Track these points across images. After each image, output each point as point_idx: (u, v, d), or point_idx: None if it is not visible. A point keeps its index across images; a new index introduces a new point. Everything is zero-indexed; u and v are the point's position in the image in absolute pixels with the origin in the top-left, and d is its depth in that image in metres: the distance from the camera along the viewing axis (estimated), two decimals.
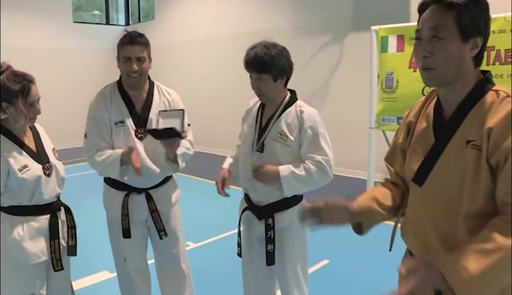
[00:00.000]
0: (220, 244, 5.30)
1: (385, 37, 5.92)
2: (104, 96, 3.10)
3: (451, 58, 1.55)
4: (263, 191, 2.74)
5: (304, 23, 9.50)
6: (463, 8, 1.52)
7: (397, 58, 5.79)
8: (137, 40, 2.96)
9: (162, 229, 3.15)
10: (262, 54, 2.63)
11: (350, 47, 8.72)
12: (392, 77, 5.86)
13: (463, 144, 1.55)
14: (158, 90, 3.17)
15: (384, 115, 6.03)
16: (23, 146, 2.67)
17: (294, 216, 2.74)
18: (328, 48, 9.10)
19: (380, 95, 6.05)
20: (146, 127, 3.02)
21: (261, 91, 2.70)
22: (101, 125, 3.04)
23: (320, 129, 2.67)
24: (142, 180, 3.05)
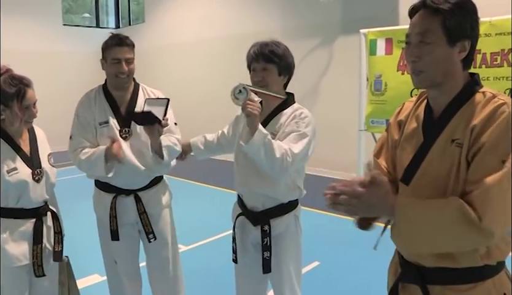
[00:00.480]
0: (211, 247, 5.30)
1: (374, 40, 5.96)
2: (88, 97, 3.12)
3: (438, 61, 1.58)
4: (259, 196, 2.69)
5: (293, 25, 9.55)
6: (448, 14, 1.55)
7: (386, 61, 5.83)
8: (126, 42, 2.99)
9: (150, 232, 3.12)
10: (273, 45, 2.61)
11: (339, 49, 8.79)
12: (381, 79, 5.89)
13: (448, 143, 1.59)
14: (143, 90, 3.18)
15: (373, 118, 6.06)
16: (17, 149, 2.66)
17: (290, 222, 2.74)
18: (318, 51, 9.16)
19: (369, 98, 6.08)
20: (130, 128, 3.03)
21: (266, 82, 2.61)
22: (86, 126, 3.05)
23: (306, 129, 2.57)
24: (130, 181, 3.05)
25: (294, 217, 2.76)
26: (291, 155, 2.45)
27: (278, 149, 2.41)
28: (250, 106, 2.37)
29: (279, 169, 2.44)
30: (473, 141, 1.52)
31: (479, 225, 1.43)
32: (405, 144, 1.77)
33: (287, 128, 2.58)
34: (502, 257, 1.62)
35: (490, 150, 1.48)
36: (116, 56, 2.97)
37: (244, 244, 2.82)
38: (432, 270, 1.65)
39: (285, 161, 2.43)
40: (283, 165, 2.43)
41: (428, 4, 1.58)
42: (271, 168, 2.46)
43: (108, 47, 2.99)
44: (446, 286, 1.63)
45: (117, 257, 3.18)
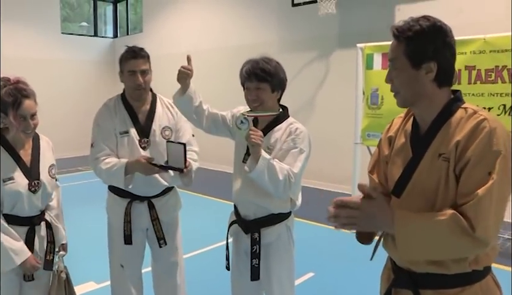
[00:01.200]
0: (207, 256, 5.31)
1: (371, 55, 6.02)
2: (108, 107, 3.20)
3: (407, 83, 1.74)
4: (251, 205, 2.76)
5: (291, 38, 9.62)
6: (409, 41, 1.70)
7: (382, 75, 5.75)
8: (140, 54, 3.09)
9: (162, 237, 3.22)
10: (264, 63, 2.67)
11: (336, 63, 8.85)
12: (377, 93, 5.95)
13: (435, 157, 1.69)
14: (160, 102, 3.28)
15: (369, 131, 6.10)
16: (16, 158, 2.70)
17: (282, 231, 2.79)
18: (314, 63, 9.22)
19: (365, 111, 6.13)
20: (149, 138, 3.14)
21: (261, 100, 2.68)
22: (107, 135, 3.13)
23: (302, 145, 2.65)
24: (145, 188, 3.13)
25: (286, 227, 2.82)
26: (293, 175, 2.57)
27: (280, 172, 2.52)
28: (253, 136, 2.48)
29: (282, 190, 2.57)
30: (458, 155, 1.63)
31: (472, 235, 1.54)
32: (395, 158, 1.87)
33: (284, 144, 2.66)
34: (489, 263, 1.73)
35: (476, 164, 1.58)
36: (132, 68, 3.07)
37: (238, 252, 2.91)
38: (423, 276, 1.74)
39: (287, 182, 2.55)
40: (286, 185, 2.55)
41: (394, 33, 1.75)
42: (274, 189, 2.57)
43: (124, 59, 3.09)
44: (436, 290, 1.73)
45: (125, 261, 3.24)
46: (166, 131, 3.20)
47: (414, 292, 1.76)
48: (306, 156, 2.67)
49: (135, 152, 3.09)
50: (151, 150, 3.13)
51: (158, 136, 3.15)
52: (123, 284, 3.27)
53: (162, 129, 3.18)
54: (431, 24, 1.71)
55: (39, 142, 2.86)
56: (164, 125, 3.20)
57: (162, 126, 3.19)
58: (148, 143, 3.13)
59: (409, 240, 1.62)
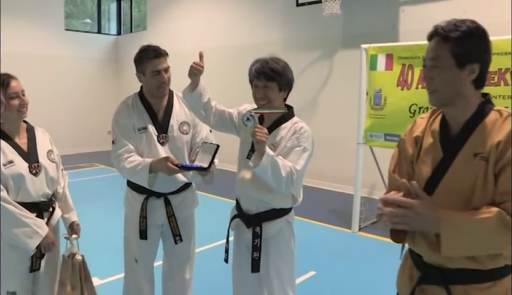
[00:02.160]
0: (208, 254, 5.34)
1: (375, 56, 6.05)
2: (126, 105, 3.24)
3: (448, 83, 1.78)
4: (254, 200, 2.83)
5: (294, 38, 9.65)
6: (457, 41, 1.75)
7: (386, 76, 5.92)
8: (161, 53, 3.15)
9: (178, 234, 3.26)
10: (273, 63, 2.74)
11: (339, 63, 8.89)
12: (380, 94, 5.97)
13: (471, 156, 1.76)
14: (177, 98, 3.33)
15: (372, 131, 6.13)
16: (13, 144, 2.79)
17: (283, 226, 2.87)
18: (318, 64, 9.25)
19: (368, 112, 6.15)
20: (167, 133, 3.19)
21: (268, 98, 2.76)
22: (127, 131, 3.17)
23: (306, 144, 2.73)
24: (162, 185, 3.16)
25: (287, 222, 2.89)
26: (295, 171, 2.64)
27: (283, 168, 2.60)
28: (258, 133, 2.54)
29: (284, 185, 2.64)
30: (498, 155, 1.71)
31: None
32: (424, 157, 1.93)
33: (288, 142, 2.74)
34: None
35: None
36: (156, 68, 3.12)
37: (239, 245, 2.99)
38: (456, 271, 1.81)
39: (290, 178, 2.63)
40: (288, 181, 2.63)
41: (439, 32, 1.79)
42: (277, 185, 2.64)
43: (145, 60, 3.12)
44: (467, 285, 1.80)
45: (139, 256, 3.29)
46: (184, 126, 3.25)
47: (445, 288, 1.83)
48: (309, 154, 2.74)
49: (154, 147, 3.14)
50: (170, 145, 3.18)
51: (176, 131, 3.20)
52: (136, 278, 3.33)
53: (180, 125, 3.23)
54: (477, 27, 1.78)
55: (34, 132, 2.96)
56: (182, 120, 3.25)
57: (180, 122, 3.24)
58: (167, 138, 3.18)
59: (455, 238, 1.68)
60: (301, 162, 2.68)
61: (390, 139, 5.86)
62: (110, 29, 15.44)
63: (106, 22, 15.48)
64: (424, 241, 1.86)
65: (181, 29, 12.51)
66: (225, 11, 11.33)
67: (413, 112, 5.59)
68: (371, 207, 6.62)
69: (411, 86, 5.67)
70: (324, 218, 6.98)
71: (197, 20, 12.03)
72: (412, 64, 5.67)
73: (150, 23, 13.77)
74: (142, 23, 14.54)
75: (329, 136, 8.50)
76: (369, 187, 7.91)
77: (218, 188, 8.39)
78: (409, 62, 5.70)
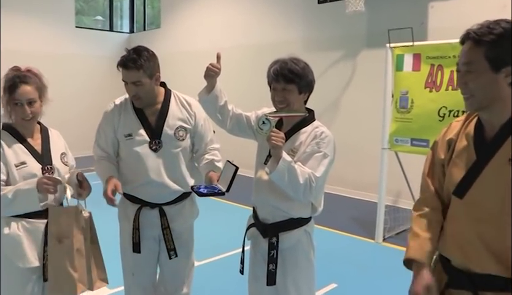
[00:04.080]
0: (224, 264, 5.34)
1: (401, 56, 6.00)
2: (113, 109, 3.22)
3: (484, 87, 1.80)
4: (270, 208, 2.81)
5: (315, 37, 9.62)
6: (491, 45, 1.76)
7: (413, 78, 5.86)
8: (129, 64, 2.98)
9: (172, 248, 3.18)
10: (292, 64, 2.72)
11: (363, 63, 8.83)
12: (407, 96, 5.91)
13: (505, 161, 1.78)
14: (175, 99, 3.24)
15: (397, 136, 6.07)
16: (26, 145, 2.79)
17: (301, 237, 2.83)
18: (340, 64, 9.21)
19: (393, 115, 6.09)
20: (160, 139, 3.10)
21: (287, 102, 2.74)
22: (104, 138, 3.18)
23: (327, 150, 2.70)
24: (155, 195, 3.12)
25: (306, 233, 2.86)
26: (315, 179, 2.61)
27: (301, 175, 2.57)
28: (274, 138, 2.51)
29: (302, 193, 2.61)
30: None
31: None
32: (457, 160, 1.96)
33: (308, 148, 2.71)
34: None
35: None
36: (124, 78, 3.04)
37: (255, 256, 2.97)
38: (484, 277, 1.83)
39: (309, 186, 2.60)
40: (306, 189, 2.60)
41: (472, 36, 1.80)
42: (294, 193, 2.62)
43: (118, 65, 3.04)
44: (496, 293, 1.82)
45: (135, 269, 3.24)
46: (180, 131, 3.16)
47: (473, 293, 1.86)
48: (330, 161, 2.71)
49: (145, 155, 3.08)
50: (164, 152, 3.11)
51: (170, 136, 3.11)
52: (134, 292, 3.29)
53: (176, 130, 3.14)
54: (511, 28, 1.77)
55: (48, 133, 2.96)
56: (178, 125, 3.16)
57: (176, 126, 3.15)
58: (160, 145, 3.10)
59: None
60: (321, 169, 2.65)
61: (417, 145, 5.81)
62: (122, 26, 15.57)
63: (118, 19, 15.61)
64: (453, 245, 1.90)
65: (197, 27, 12.54)
66: (243, 8, 11.34)
67: (442, 115, 5.52)
68: (396, 216, 6.56)
69: (440, 88, 5.59)
70: (346, 227, 6.93)
71: (214, 18, 12.05)
72: (441, 65, 5.60)
73: (164, 20, 13.84)
74: (156, 21, 14.63)
75: (351, 140, 8.45)
76: (394, 194, 7.84)
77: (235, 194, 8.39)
78: (439, 63, 5.62)
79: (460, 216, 1.94)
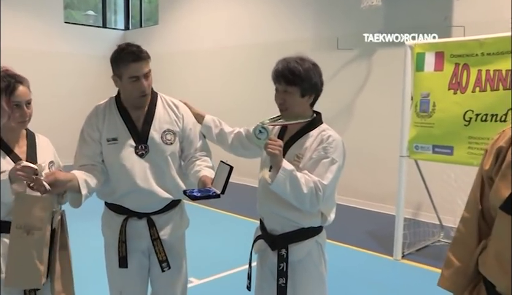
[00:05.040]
0: (228, 281, 5.31)
1: (422, 54, 5.96)
2: (96, 112, 3.20)
3: None
4: (278, 218, 2.82)
5: (328, 34, 9.62)
6: None
7: (435, 78, 5.83)
8: (142, 55, 3.02)
9: (164, 260, 3.15)
10: (295, 64, 2.73)
11: (379, 63, 8.84)
12: (428, 99, 5.88)
13: None
14: (162, 102, 3.24)
15: (418, 142, 6.04)
16: (10, 153, 2.77)
17: (312, 249, 2.84)
18: (354, 64, 9.22)
19: (413, 119, 6.07)
20: (147, 143, 3.10)
21: (286, 106, 2.78)
22: (89, 142, 3.14)
23: (335, 155, 2.72)
24: (142, 203, 3.11)
25: (317, 244, 2.87)
26: (322, 187, 2.64)
27: (305, 184, 2.61)
28: (270, 146, 2.59)
29: (309, 204, 2.65)
30: None
31: None
32: (506, 171, 1.89)
33: (313, 153, 2.74)
34: None
35: None
36: (135, 73, 3.01)
37: (262, 270, 2.98)
38: None
39: (315, 195, 2.63)
40: (313, 199, 2.64)
41: None
42: (299, 203, 2.67)
43: (122, 62, 3.01)
44: None
45: (124, 287, 3.22)
46: (168, 135, 3.15)
47: None
48: (338, 167, 2.73)
49: (130, 160, 3.08)
50: (150, 157, 3.10)
51: (157, 141, 3.11)
52: None
53: (163, 133, 3.14)
54: None
55: (35, 139, 2.94)
56: (165, 129, 3.16)
57: (163, 130, 3.15)
58: (147, 150, 3.10)
59: None
60: (329, 176, 2.67)
61: (440, 152, 5.78)
62: (116, 23, 15.62)
63: (112, 14, 15.65)
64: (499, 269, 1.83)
65: (198, 25, 12.56)
66: (249, 4, 11.37)
67: (468, 119, 5.50)
68: (416, 230, 6.53)
69: (465, 90, 5.55)
70: (361, 242, 6.89)
71: (217, 14, 12.08)
72: (467, 63, 5.55)
73: (162, 16, 13.89)
74: (153, 17, 14.68)
75: (367, 147, 8.44)
76: (414, 207, 7.81)
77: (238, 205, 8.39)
78: (464, 61, 5.58)
79: (507, 235, 1.84)
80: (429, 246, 6.64)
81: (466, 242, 2.04)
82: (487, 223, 2.01)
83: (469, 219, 2.06)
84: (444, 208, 6.84)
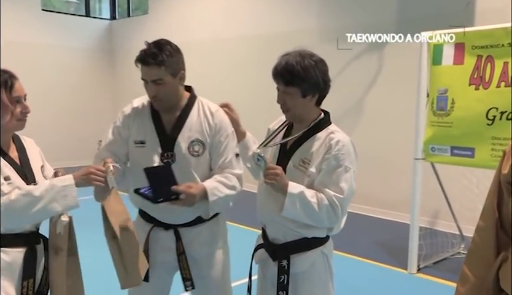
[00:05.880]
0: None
1: (439, 46, 5.93)
2: (131, 110, 3.24)
3: None
4: (280, 226, 2.84)
5: (335, 25, 9.60)
6: None
7: (454, 73, 5.79)
8: (150, 60, 3.00)
9: (189, 278, 3.16)
10: (293, 62, 2.72)
11: (392, 56, 8.81)
12: (446, 96, 5.85)
13: None
14: (198, 107, 3.23)
15: (434, 144, 6.02)
16: (5, 156, 2.74)
17: (317, 259, 2.87)
18: (364, 57, 9.21)
19: (429, 118, 6.05)
20: (172, 151, 3.12)
21: (287, 107, 2.81)
22: (117, 139, 3.21)
23: (347, 162, 2.75)
24: (170, 214, 3.11)
25: (322, 255, 2.90)
26: (339, 201, 2.70)
27: (319, 203, 2.69)
28: (268, 176, 2.71)
29: (327, 222, 2.75)
30: None
31: None
32: None
33: (323, 163, 2.76)
34: None
35: None
36: (143, 76, 3.07)
37: (263, 282, 3.03)
38: None
39: (332, 212, 2.70)
40: (330, 216, 2.71)
41: None
42: (318, 224, 2.77)
43: (136, 62, 3.07)
44: None
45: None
46: (196, 146, 3.14)
47: None
48: (353, 173, 2.77)
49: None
50: (177, 166, 3.08)
51: (183, 150, 3.11)
52: None
53: (191, 143, 3.13)
54: None
55: (22, 142, 2.93)
56: (194, 138, 3.14)
57: (192, 140, 3.13)
58: (173, 158, 3.11)
59: None
60: (344, 187, 2.72)
61: (459, 154, 5.75)
62: (101, 11, 15.61)
63: (96, 2, 15.63)
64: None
65: (192, 14, 12.57)
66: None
67: (492, 118, 5.44)
68: (433, 241, 6.51)
69: (489, 85, 5.49)
70: (371, 254, 6.88)
71: (213, 2, 12.10)
72: (492, 55, 5.49)
73: (152, 5, 13.90)
74: (143, 6, 14.68)
75: (378, 149, 8.43)
76: (431, 215, 7.82)
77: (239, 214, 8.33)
78: (488, 53, 5.51)
79: None
80: (448, 259, 6.62)
81: (483, 254, 2.02)
82: (505, 232, 1.97)
83: (485, 228, 2.03)
84: (465, 216, 6.82)
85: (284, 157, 2.87)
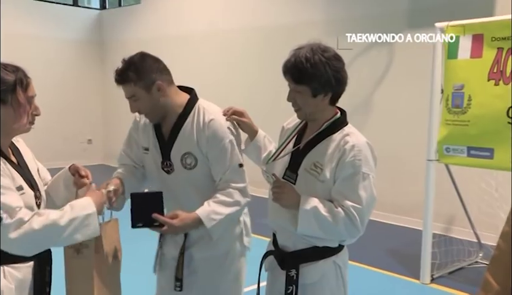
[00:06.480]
0: None
1: (456, 38, 5.91)
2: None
3: None
4: (290, 233, 2.84)
5: (342, 16, 9.65)
6: None
7: (471, 67, 5.78)
8: (120, 78, 3.09)
9: (179, 279, 3.22)
10: (303, 59, 2.69)
11: (403, 49, 8.81)
12: (463, 92, 5.83)
13: None
14: (193, 116, 3.21)
15: (449, 144, 6.00)
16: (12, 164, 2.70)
17: (328, 271, 2.86)
18: (373, 51, 9.23)
19: (444, 116, 6.04)
20: (170, 160, 3.20)
21: (298, 106, 2.81)
22: (131, 144, 3.42)
23: (364, 168, 2.72)
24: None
25: (334, 265, 2.89)
26: (357, 213, 2.68)
27: (335, 217, 2.68)
28: (274, 195, 2.80)
29: (347, 235, 2.78)
30: None
31: None
32: None
33: (338, 171, 2.74)
34: None
35: None
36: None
37: (273, 291, 3.05)
38: None
39: (351, 225, 2.69)
40: (350, 229, 2.70)
41: None
42: (338, 237, 2.80)
43: None
44: None
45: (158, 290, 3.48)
46: (187, 158, 3.17)
47: None
48: (372, 179, 2.75)
49: (159, 174, 3.27)
50: (176, 176, 3.21)
51: (177, 163, 3.18)
52: None
53: (183, 156, 3.17)
54: None
55: (16, 145, 2.89)
56: (185, 151, 3.17)
57: (183, 152, 3.17)
58: (172, 168, 3.20)
59: None
60: (363, 196, 2.70)
61: (477, 155, 5.73)
62: (90, 0, 15.61)
63: None
64: None
65: (189, 4, 12.58)
66: None
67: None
68: (448, 249, 6.49)
69: (509, 80, 5.46)
70: (381, 262, 6.90)
71: None
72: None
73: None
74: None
75: (388, 150, 8.40)
76: (445, 221, 7.83)
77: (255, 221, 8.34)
78: (509, 46, 5.48)
79: None
80: (464, 268, 6.62)
81: (508, 261, 1.97)
82: None
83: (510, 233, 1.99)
84: (483, 222, 6.83)
85: (296, 161, 2.86)
